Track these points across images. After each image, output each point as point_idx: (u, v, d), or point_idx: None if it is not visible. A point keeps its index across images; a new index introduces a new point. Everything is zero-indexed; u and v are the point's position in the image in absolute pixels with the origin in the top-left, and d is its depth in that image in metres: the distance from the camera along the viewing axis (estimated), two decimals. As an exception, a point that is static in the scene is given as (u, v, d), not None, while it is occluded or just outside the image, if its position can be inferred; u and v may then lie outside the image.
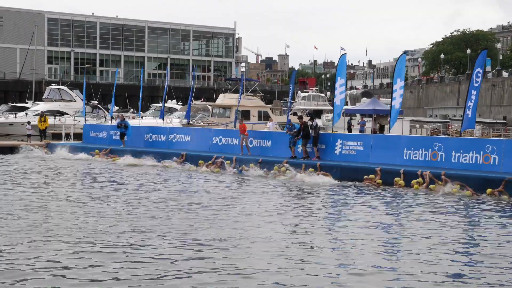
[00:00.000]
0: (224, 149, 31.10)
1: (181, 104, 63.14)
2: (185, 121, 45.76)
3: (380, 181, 23.16)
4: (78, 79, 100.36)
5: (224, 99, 51.02)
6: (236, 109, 41.80)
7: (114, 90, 40.44)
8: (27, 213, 15.82)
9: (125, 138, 35.42)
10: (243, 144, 29.64)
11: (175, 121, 40.26)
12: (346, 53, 30.30)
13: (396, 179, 22.87)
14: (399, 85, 26.14)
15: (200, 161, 29.22)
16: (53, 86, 63.33)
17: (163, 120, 41.25)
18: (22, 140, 41.97)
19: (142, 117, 47.61)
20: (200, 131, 34.87)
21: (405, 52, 28.85)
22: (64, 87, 61.15)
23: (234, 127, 33.81)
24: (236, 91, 53.02)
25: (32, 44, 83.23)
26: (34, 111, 54.83)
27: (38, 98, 69.83)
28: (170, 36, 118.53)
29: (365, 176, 23.75)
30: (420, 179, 22.37)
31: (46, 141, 40.23)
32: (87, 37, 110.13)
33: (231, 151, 30.44)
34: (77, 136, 42.13)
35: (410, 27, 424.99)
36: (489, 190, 20.64)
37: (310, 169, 25.37)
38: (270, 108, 54.40)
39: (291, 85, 33.78)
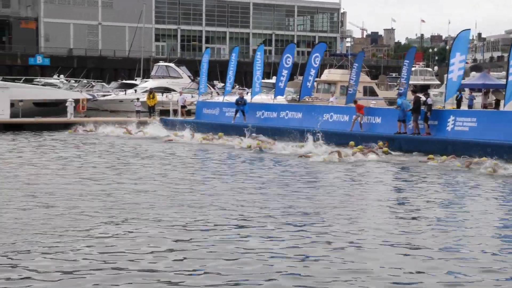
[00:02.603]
0: (334, 126, 30.73)
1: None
2: (289, 97, 45.57)
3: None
4: (185, 56, 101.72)
5: (329, 74, 50.53)
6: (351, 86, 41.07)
7: (234, 68, 40.05)
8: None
9: (238, 115, 35.53)
10: (356, 120, 29.36)
11: (279, 97, 40.04)
12: (470, 29, 28.86)
13: None
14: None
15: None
16: (161, 63, 64.37)
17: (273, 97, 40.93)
18: (131, 117, 42.93)
19: (247, 93, 47.59)
20: (310, 108, 34.57)
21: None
22: (172, 64, 62.05)
23: (346, 103, 33.39)
24: (341, 67, 52.37)
25: (141, 22, 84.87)
26: (143, 88, 55.95)
27: (146, 75, 71.20)
28: (275, 12, 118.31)
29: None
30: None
31: (154, 117, 41.10)
32: (193, 14, 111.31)
33: (341, 128, 30.10)
34: (186, 113, 42.77)
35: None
36: None
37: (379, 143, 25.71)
38: (376, 84, 53.52)
39: (407, 61, 32.72)
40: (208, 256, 10.11)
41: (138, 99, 45.63)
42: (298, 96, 39.00)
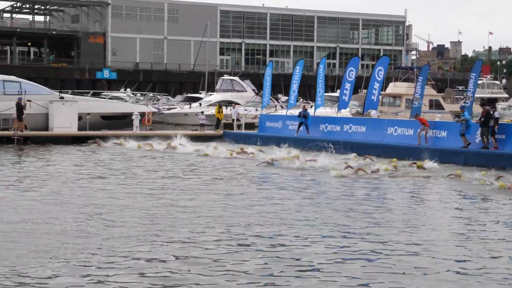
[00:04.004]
0: (399, 140, 30.41)
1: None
2: (354, 110, 45.24)
3: None
4: (249, 69, 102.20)
5: (394, 88, 50.07)
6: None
7: (298, 82, 40.09)
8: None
9: (301, 128, 35.38)
10: (421, 133, 29.06)
11: (344, 111, 39.81)
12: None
13: None
14: None
15: None
16: (225, 76, 64.80)
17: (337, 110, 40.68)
18: (196, 130, 43.28)
19: (311, 106, 47.47)
20: (375, 121, 34.29)
21: None
22: (236, 78, 62.39)
23: (410, 116, 33.01)
24: (406, 80, 51.81)
25: (205, 36, 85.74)
26: (207, 101, 56.40)
27: (211, 88, 71.77)
28: (339, 25, 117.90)
29: None
30: None
31: (218, 131, 41.36)
32: (257, 28, 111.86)
33: (406, 142, 29.75)
34: (248, 126, 42.88)
35: None
36: None
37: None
38: (442, 97, 52.83)
39: (473, 74, 32.07)
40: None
41: (202, 112, 45.96)
42: (362, 110, 38.73)
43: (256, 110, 48.71)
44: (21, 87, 39.37)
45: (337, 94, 51.77)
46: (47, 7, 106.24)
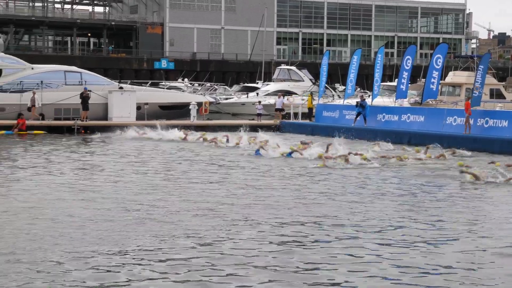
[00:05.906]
0: (458, 130, 30.02)
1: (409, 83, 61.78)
2: (412, 100, 44.69)
3: None
4: (306, 59, 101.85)
5: (453, 76, 49.27)
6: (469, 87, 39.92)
7: (356, 71, 39.97)
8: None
9: (359, 118, 35.19)
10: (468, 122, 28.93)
11: (401, 100, 39.34)
12: None
13: None
14: None
15: None
16: (283, 66, 64.77)
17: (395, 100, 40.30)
18: (253, 119, 43.40)
19: (368, 96, 47.06)
20: (433, 111, 33.90)
21: None
22: (293, 67, 62.35)
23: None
24: (466, 69, 50.95)
25: (262, 25, 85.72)
26: (265, 91, 56.52)
27: (268, 78, 71.85)
28: (398, 14, 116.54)
29: None
30: None
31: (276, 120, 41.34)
32: (314, 17, 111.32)
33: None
34: (305, 116, 42.80)
35: None
36: None
37: None
38: (503, 86, 51.78)
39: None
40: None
41: (260, 102, 46.05)
42: (421, 99, 38.29)
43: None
44: (82, 77, 40.16)
45: (395, 83, 51.22)
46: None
